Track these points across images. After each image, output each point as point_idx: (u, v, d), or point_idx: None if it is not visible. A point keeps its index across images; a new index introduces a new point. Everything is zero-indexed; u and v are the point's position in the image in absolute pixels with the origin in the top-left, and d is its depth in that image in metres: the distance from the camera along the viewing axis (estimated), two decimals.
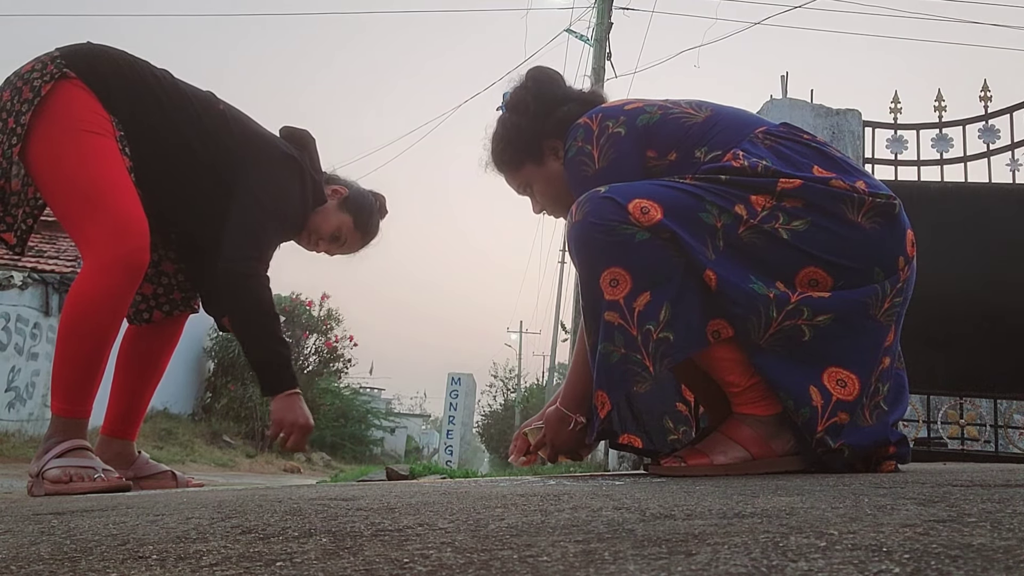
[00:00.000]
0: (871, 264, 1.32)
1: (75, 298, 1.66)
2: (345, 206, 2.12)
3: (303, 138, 2.07)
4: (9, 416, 8.18)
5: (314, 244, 2.14)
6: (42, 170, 1.72)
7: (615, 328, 1.30)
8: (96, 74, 1.77)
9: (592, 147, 1.47)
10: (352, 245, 2.19)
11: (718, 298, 1.28)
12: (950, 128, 3.56)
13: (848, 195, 1.32)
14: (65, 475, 1.60)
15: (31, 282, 8.56)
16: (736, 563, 0.49)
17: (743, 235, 1.30)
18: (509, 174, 1.68)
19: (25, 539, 0.75)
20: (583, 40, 13.13)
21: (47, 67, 1.73)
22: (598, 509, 0.78)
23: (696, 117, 1.46)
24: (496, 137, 1.67)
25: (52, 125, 1.71)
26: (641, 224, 1.29)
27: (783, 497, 0.84)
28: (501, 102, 1.68)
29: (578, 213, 1.34)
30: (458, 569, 0.52)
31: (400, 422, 29.61)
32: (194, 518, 0.83)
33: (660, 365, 1.29)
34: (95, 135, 1.72)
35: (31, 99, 1.70)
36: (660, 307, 1.28)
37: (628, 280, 1.29)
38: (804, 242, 1.29)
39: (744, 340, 1.30)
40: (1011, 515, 0.64)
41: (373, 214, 2.20)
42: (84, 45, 1.84)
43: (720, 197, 1.31)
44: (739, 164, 1.35)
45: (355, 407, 17.90)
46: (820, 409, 1.28)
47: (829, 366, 1.30)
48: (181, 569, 0.57)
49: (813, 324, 1.28)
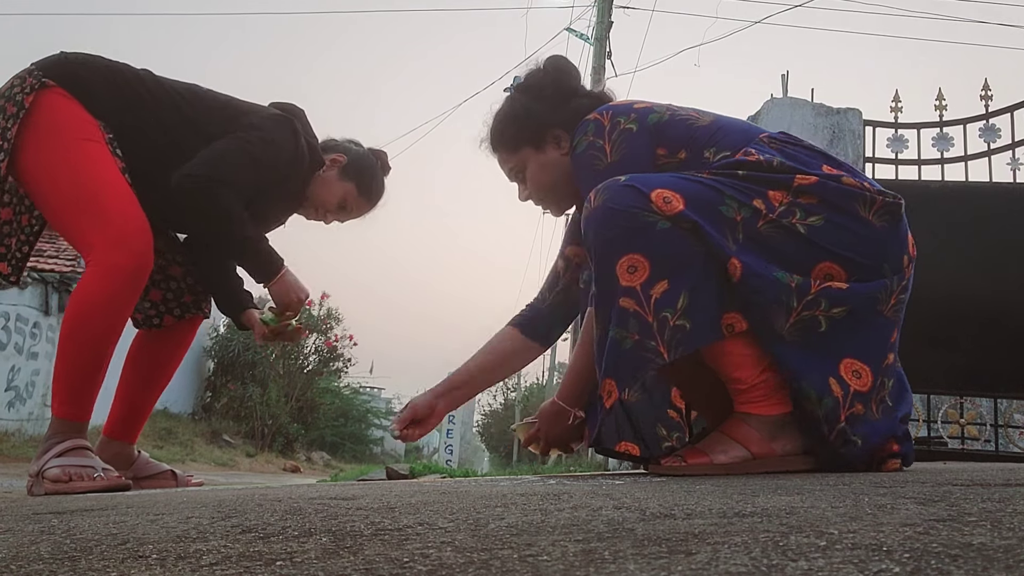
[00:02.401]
0: (881, 260, 1.33)
1: (78, 302, 1.66)
2: (346, 174, 2.09)
3: (293, 109, 2.05)
4: (9, 415, 8.17)
5: (322, 216, 2.12)
6: (35, 182, 1.71)
7: (630, 314, 1.29)
8: (76, 81, 1.76)
9: (604, 142, 1.47)
10: (360, 210, 2.16)
11: (740, 288, 1.28)
12: (951, 127, 3.56)
13: (860, 193, 1.33)
14: (65, 474, 1.60)
15: (30, 281, 8.56)
16: (736, 562, 0.49)
17: (762, 229, 1.31)
18: (505, 154, 1.67)
19: (25, 538, 0.75)
20: (583, 39, 13.13)
21: (26, 80, 1.73)
22: (598, 508, 0.78)
23: (701, 120, 1.48)
24: (500, 115, 1.66)
25: (40, 136, 1.70)
26: (663, 213, 1.28)
27: (783, 496, 0.84)
28: (512, 83, 1.68)
29: (597, 199, 1.33)
30: (458, 568, 0.52)
31: None
32: (194, 517, 0.83)
33: (674, 352, 1.29)
34: (85, 141, 1.71)
35: (16, 113, 1.69)
36: (678, 295, 1.28)
37: (647, 267, 1.29)
38: (821, 237, 1.30)
39: (764, 331, 1.30)
40: (1011, 514, 0.64)
41: (376, 176, 2.16)
42: (59, 56, 1.83)
43: (739, 191, 1.32)
44: (754, 159, 1.36)
45: (355, 406, 17.90)
46: (841, 399, 1.29)
47: (845, 357, 1.31)
48: (181, 568, 0.57)
49: (829, 316, 1.30)
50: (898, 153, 3.60)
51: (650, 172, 1.42)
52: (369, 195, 2.14)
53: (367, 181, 2.12)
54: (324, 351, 15.23)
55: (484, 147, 1.71)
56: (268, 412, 13.07)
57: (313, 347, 15.06)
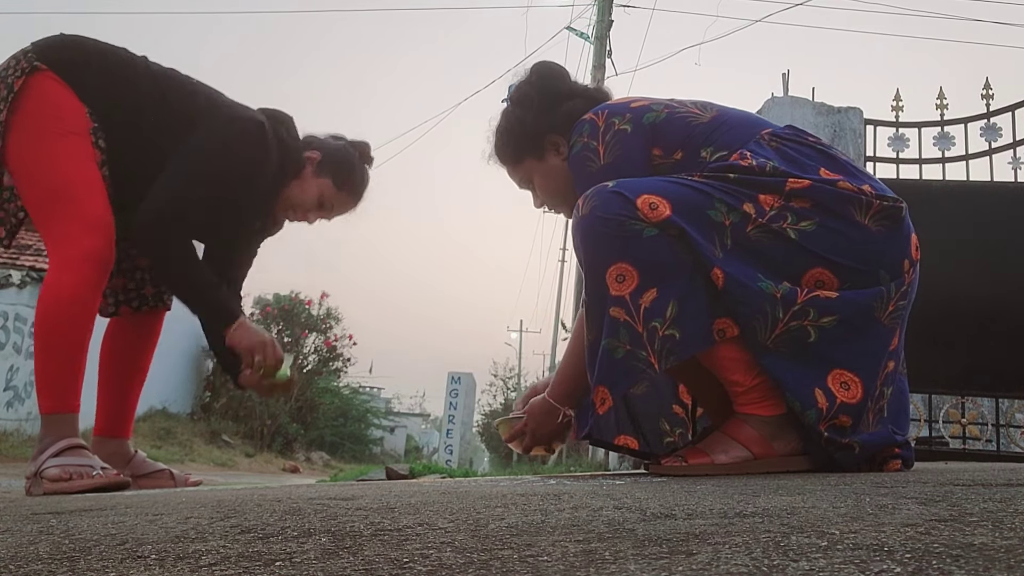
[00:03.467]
0: (877, 267, 1.31)
1: (45, 296, 1.69)
2: (321, 170, 2.01)
3: (278, 115, 2.01)
4: (8, 415, 8.17)
5: (302, 216, 2.05)
6: (16, 169, 1.75)
7: (620, 324, 1.29)
8: (69, 65, 1.77)
9: (597, 143, 1.46)
10: (342, 205, 2.06)
11: (725, 297, 1.28)
12: (952, 126, 3.56)
13: (855, 197, 1.32)
14: (64, 473, 1.60)
15: (29, 281, 8.56)
16: (737, 562, 0.48)
17: (751, 233, 1.29)
18: (510, 167, 1.68)
19: (24, 538, 0.75)
20: (583, 38, 13.13)
21: (20, 63, 1.75)
22: (598, 509, 0.78)
23: (702, 117, 1.46)
24: (499, 130, 1.66)
25: (25, 124, 1.73)
26: (649, 220, 1.28)
27: (784, 497, 0.84)
28: (507, 95, 1.68)
29: (585, 207, 1.33)
30: (458, 569, 0.52)
31: (400, 421, 29.60)
32: (193, 518, 0.83)
33: (665, 362, 1.28)
34: (67, 135, 1.73)
35: (5, 96, 1.72)
36: (667, 304, 1.28)
37: (635, 276, 1.28)
38: (812, 243, 1.29)
39: (751, 340, 1.29)
40: (1012, 514, 0.64)
41: (354, 168, 2.07)
42: (57, 37, 1.84)
43: (729, 195, 1.31)
44: (747, 163, 1.34)
45: (354, 406, 17.89)
46: (824, 411, 1.27)
47: (834, 368, 1.30)
48: (180, 569, 0.57)
49: (819, 325, 1.28)
50: (899, 152, 3.59)
51: (644, 173, 1.41)
52: (349, 189, 2.05)
53: (344, 174, 2.03)
54: (323, 351, 15.24)
55: (491, 162, 1.71)
56: (267, 412, 13.06)
57: (312, 347, 15.06)
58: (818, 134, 3.84)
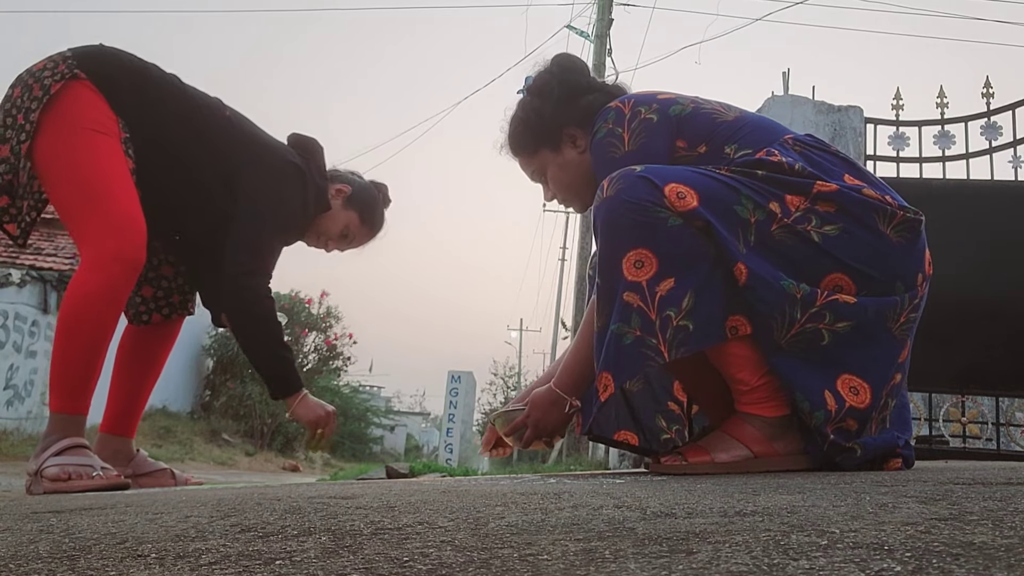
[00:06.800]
0: (894, 277, 1.31)
1: (73, 294, 1.68)
2: (350, 203, 2.15)
3: (310, 146, 2.11)
4: (8, 414, 8.18)
5: (323, 244, 2.19)
6: (47, 166, 1.74)
7: (633, 310, 1.28)
8: (106, 76, 1.79)
9: (623, 130, 1.46)
10: (360, 240, 2.23)
11: (745, 293, 1.27)
12: (952, 125, 3.56)
13: (880, 206, 1.31)
14: (64, 473, 1.60)
15: (29, 280, 8.56)
16: (737, 561, 0.48)
17: (775, 233, 1.29)
18: (524, 158, 1.67)
19: (24, 537, 0.75)
20: (584, 36, 13.12)
21: (58, 66, 1.76)
22: (599, 507, 0.78)
23: (726, 116, 1.46)
24: (515, 120, 1.65)
25: (59, 123, 1.73)
26: (675, 209, 1.27)
27: (784, 495, 0.84)
28: (523, 85, 1.67)
29: (610, 189, 1.31)
30: (458, 568, 0.52)
31: (400, 420, 29.62)
32: (193, 516, 0.83)
33: (675, 352, 1.27)
34: (100, 134, 1.74)
35: (40, 97, 1.72)
36: (684, 294, 1.26)
37: (654, 263, 1.27)
38: (834, 247, 1.28)
39: (764, 339, 1.28)
40: (1013, 513, 0.64)
41: (377, 207, 2.24)
42: (96, 47, 1.86)
43: (756, 192, 1.30)
44: (776, 159, 1.34)
45: (354, 405, 17.91)
46: (833, 413, 1.27)
47: (844, 372, 1.29)
48: (180, 568, 0.57)
49: (833, 329, 1.27)
50: (899, 151, 3.59)
51: (667, 163, 1.40)
52: (371, 225, 2.21)
53: (369, 212, 2.19)
54: (323, 349, 15.25)
55: (504, 152, 1.70)
56: (267, 411, 13.07)
57: (312, 345, 15.07)
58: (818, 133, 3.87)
